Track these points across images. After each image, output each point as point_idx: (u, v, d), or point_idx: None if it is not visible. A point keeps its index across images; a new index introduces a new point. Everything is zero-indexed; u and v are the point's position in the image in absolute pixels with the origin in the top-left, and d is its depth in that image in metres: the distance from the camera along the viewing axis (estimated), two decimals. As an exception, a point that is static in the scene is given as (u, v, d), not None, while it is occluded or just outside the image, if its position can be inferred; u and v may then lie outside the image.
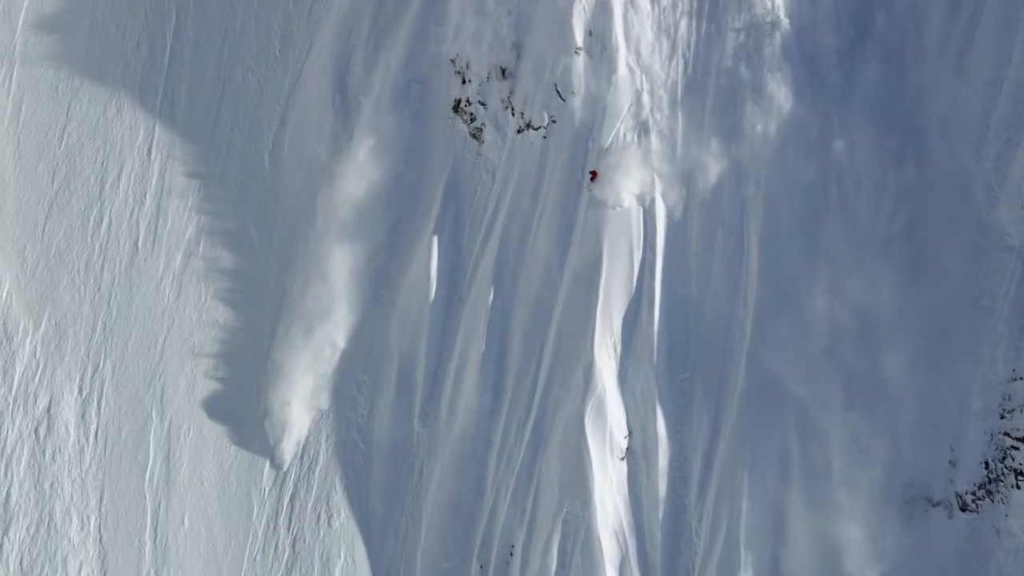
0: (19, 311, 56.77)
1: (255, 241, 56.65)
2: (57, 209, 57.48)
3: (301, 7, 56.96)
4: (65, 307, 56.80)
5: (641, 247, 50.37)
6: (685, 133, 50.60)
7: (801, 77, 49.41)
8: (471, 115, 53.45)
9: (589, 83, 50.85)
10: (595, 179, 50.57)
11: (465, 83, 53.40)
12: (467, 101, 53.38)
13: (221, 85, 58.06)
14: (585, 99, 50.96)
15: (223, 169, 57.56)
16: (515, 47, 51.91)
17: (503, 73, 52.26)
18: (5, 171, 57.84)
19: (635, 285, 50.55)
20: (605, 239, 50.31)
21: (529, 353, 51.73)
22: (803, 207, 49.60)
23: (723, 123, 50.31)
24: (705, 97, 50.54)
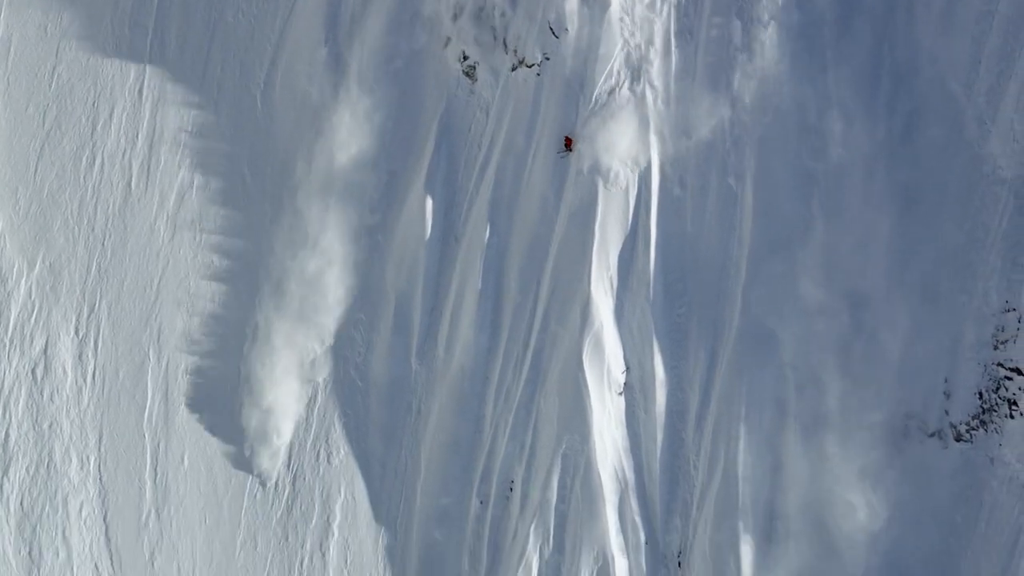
0: (13, 252, 56.60)
1: (248, 180, 56.41)
2: (49, 150, 57.10)
3: (291, -54, 56.55)
4: (59, 248, 56.60)
5: (636, 185, 50.48)
6: (678, 77, 50.68)
7: (793, 22, 49.43)
8: (463, 53, 53.23)
9: (582, 21, 50.79)
10: (570, 146, 50.77)
11: (457, 20, 53.14)
12: (461, 39, 53.16)
13: (211, 25, 57.51)
14: (578, 37, 50.90)
15: (215, 109, 57.21)
16: (508, -16, 51.91)
17: (496, 11, 52.14)
18: (-5, 113, 57.57)
19: (631, 222, 50.66)
20: (601, 174, 50.41)
21: (526, 290, 51.86)
22: (796, 147, 49.72)
23: (715, 67, 50.36)
24: (697, 42, 50.59)
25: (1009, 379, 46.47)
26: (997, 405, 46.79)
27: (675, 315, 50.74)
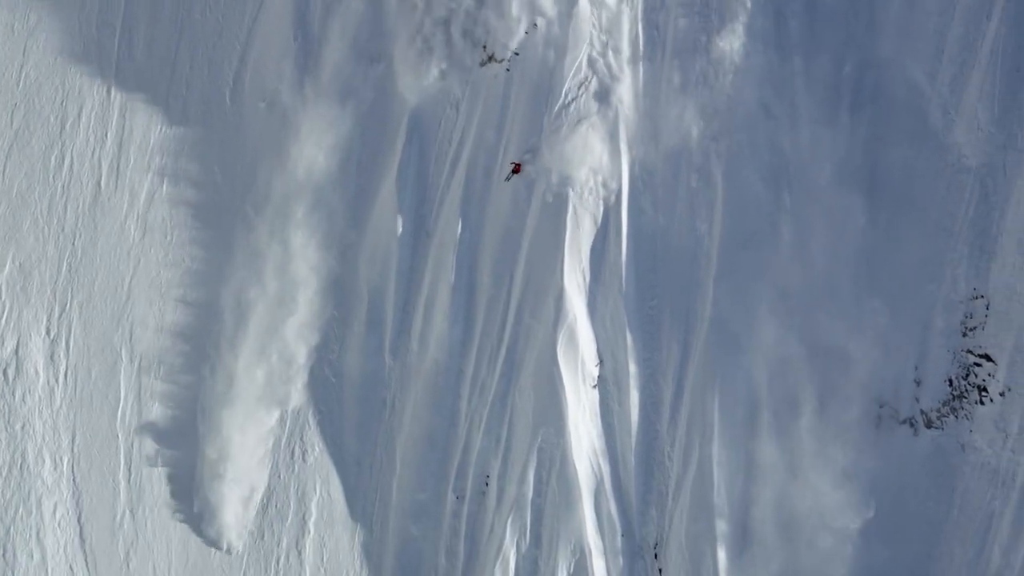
0: (-18, 253, 56.19)
1: (219, 178, 56.04)
2: (17, 150, 56.54)
3: (257, -58, 56.38)
4: (29, 248, 56.01)
5: (608, 177, 50.72)
6: (647, 73, 51.06)
7: (758, 18, 49.86)
8: (433, 49, 53.19)
9: (552, 17, 51.11)
10: (518, 172, 51.08)
11: (426, 16, 53.13)
12: (430, 34, 53.15)
13: (179, 23, 57.10)
14: (547, 33, 51.16)
15: (184, 107, 56.85)
16: (478, -20, 52.06)
17: (464, 6, 52.28)
18: (-39, 113, 57.04)
19: (602, 214, 50.87)
20: (572, 171, 50.56)
21: (499, 284, 51.89)
22: (763, 139, 50.14)
23: (684, 60, 50.81)
24: (666, 37, 50.99)
25: (978, 365, 46.96)
26: (967, 391, 47.27)
27: (647, 307, 50.97)
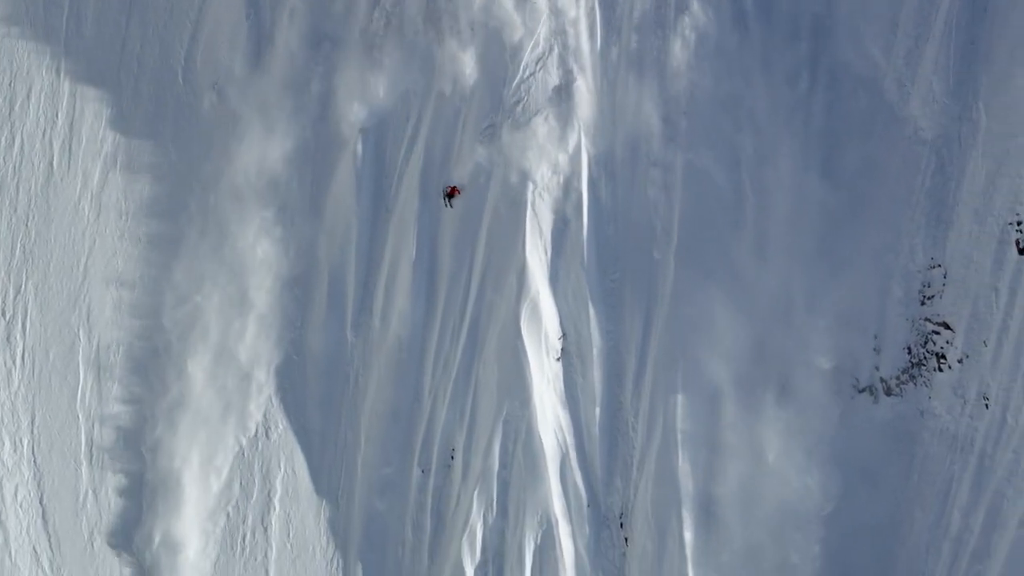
0: (-67, 235, 55.24)
1: (173, 157, 55.24)
2: (-34, 132, 55.84)
3: (208, -87, 55.51)
4: (-20, 230, 55.39)
5: (569, 153, 50.83)
6: (604, 50, 51.17)
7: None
8: (390, 24, 52.86)
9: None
10: (457, 196, 51.36)
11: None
12: (387, 11, 52.80)
13: (128, 0, 56.32)
14: (505, 7, 51.03)
15: (135, 86, 55.94)
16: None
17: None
18: (-93, 95, 55.87)
19: (562, 188, 50.94)
20: (530, 149, 50.59)
21: (460, 259, 51.78)
22: (722, 115, 50.47)
23: (643, 40, 50.99)
24: (622, 17, 51.11)
25: (937, 333, 47.58)
26: (925, 359, 47.91)
27: (609, 280, 51.15)
